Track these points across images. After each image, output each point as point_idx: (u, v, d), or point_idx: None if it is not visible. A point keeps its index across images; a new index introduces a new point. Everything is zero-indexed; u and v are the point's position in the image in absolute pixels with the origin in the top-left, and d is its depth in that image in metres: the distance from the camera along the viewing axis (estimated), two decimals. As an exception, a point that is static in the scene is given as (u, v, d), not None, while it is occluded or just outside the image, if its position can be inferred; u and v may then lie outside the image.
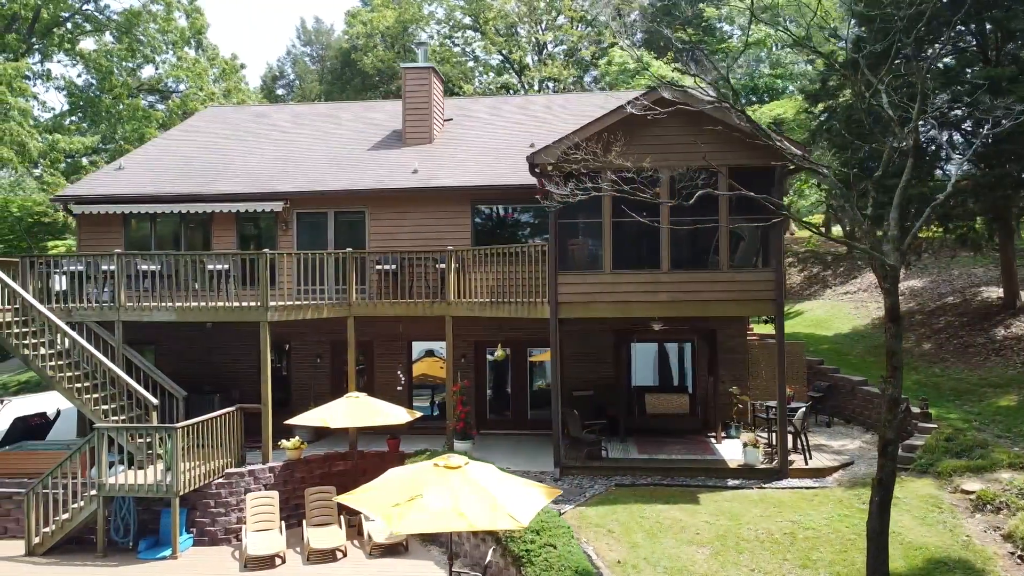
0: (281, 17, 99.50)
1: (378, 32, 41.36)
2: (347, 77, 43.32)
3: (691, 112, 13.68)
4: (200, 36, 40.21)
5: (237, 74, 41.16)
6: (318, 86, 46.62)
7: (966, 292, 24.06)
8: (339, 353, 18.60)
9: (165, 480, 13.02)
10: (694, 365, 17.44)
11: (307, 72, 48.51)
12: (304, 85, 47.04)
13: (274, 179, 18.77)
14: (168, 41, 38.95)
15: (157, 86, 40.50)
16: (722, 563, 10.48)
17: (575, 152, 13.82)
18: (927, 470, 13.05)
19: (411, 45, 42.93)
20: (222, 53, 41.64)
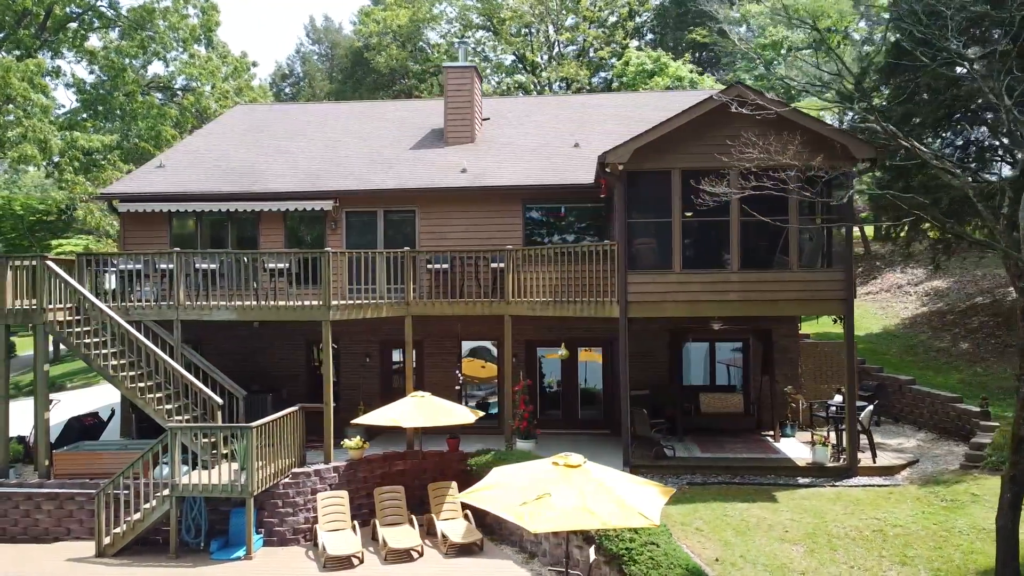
0: (289, 15, 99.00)
1: (391, 31, 41.26)
2: (359, 76, 43.18)
3: (762, 114, 13.76)
4: (211, 34, 39.90)
5: (248, 72, 40.88)
6: (328, 84, 46.42)
7: (995, 292, 24.33)
8: (388, 353, 18.57)
9: (239, 480, 12.92)
10: (748, 364, 17.52)
11: (316, 70, 48.28)
12: (314, 83, 46.82)
13: (320, 178, 18.68)
14: (179, 38, 38.64)
15: (168, 83, 40.15)
16: (820, 560, 10.55)
17: (646, 152, 13.90)
18: (999, 467, 13.16)
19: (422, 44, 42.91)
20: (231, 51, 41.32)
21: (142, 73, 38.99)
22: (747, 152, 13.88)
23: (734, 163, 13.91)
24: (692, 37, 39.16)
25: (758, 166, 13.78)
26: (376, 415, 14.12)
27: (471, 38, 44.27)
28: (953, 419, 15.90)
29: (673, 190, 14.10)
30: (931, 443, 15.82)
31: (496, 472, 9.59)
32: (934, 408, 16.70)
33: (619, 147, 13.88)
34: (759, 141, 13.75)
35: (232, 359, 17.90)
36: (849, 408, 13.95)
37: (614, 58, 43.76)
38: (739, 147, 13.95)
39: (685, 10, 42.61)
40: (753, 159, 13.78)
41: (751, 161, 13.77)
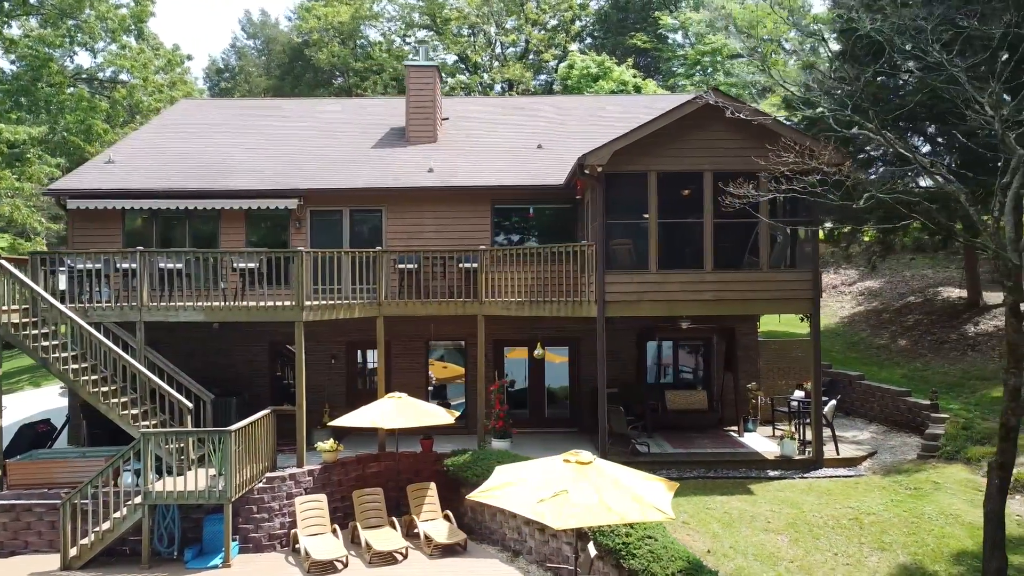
0: (224, 9, 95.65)
1: (331, 27, 40.58)
2: (297, 72, 42.30)
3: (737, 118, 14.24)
4: (142, 25, 38.40)
5: (182, 66, 39.52)
6: (265, 80, 45.29)
7: (926, 292, 25.72)
8: (353, 354, 18.33)
9: (217, 485, 12.55)
10: (711, 362, 18.03)
11: (253, 65, 47.02)
12: (251, 79, 45.58)
13: (284, 176, 18.28)
14: (108, 28, 37.06)
15: (95, 75, 38.45)
16: (805, 549, 10.99)
17: (624, 154, 14.18)
18: (955, 456, 14.00)
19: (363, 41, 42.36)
20: (163, 44, 39.88)
21: (65, 64, 37.18)
22: (720, 155, 14.41)
23: (708, 166, 14.39)
24: (633, 42, 39.91)
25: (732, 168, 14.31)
26: (355, 417, 13.92)
27: (412, 37, 44.02)
28: (904, 412, 16.75)
29: (649, 192, 14.42)
30: (884, 435, 16.63)
31: (502, 471, 9.60)
32: (884, 402, 17.56)
33: (599, 149, 14.10)
34: (736, 144, 14.29)
35: (191, 361, 17.31)
36: (815, 403, 14.54)
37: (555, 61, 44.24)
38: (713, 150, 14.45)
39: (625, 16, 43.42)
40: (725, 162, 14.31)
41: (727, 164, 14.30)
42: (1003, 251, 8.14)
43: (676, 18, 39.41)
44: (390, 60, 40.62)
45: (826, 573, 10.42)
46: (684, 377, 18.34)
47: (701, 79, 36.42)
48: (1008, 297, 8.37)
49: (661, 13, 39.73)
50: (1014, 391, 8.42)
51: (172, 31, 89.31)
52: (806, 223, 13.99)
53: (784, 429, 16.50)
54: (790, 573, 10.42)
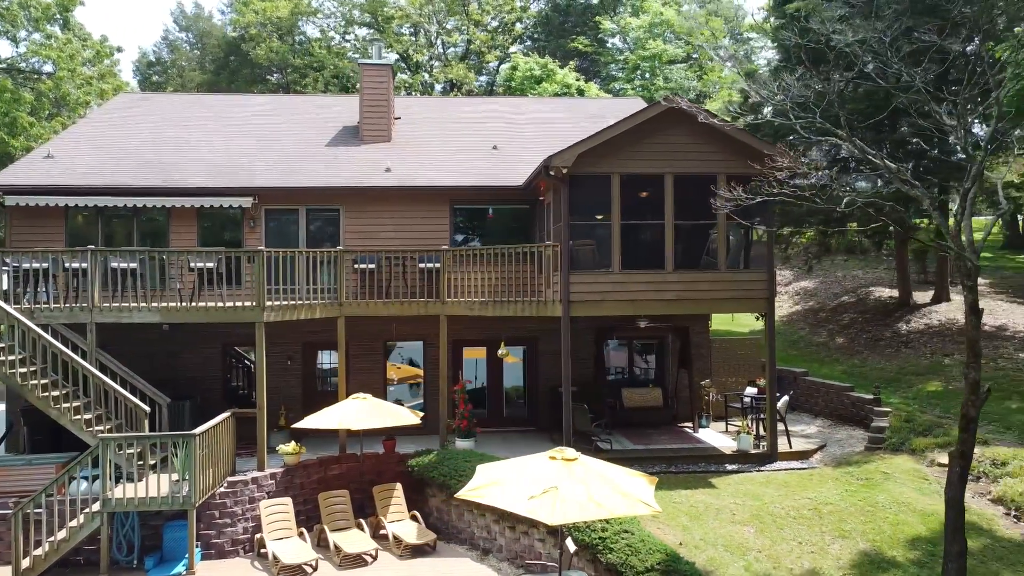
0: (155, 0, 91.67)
1: (269, 22, 39.71)
2: (233, 66, 41.25)
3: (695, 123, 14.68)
4: (68, 14, 36.85)
5: (111, 58, 38.05)
6: (199, 74, 43.97)
7: (859, 292, 26.92)
8: (310, 355, 18.07)
9: (180, 491, 12.22)
10: (666, 360, 18.46)
11: (186, 59, 45.56)
12: (184, 73, 44.15)
13: (237, 173, 17.88)
14: (31, 17, 35.43)
15: (16, 65, 36.66)
16: (771, 539, 11.42)
17: (588, 157, 14.43)
18: (900, 448, 14.73)
19: (301, 37, 41.64)
20: (91, 34, 38.31)
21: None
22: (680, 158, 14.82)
23: (668, 169, 14.77)
24: (574, 46, 40.41)
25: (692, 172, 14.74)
26: (321, 418, 13.75)
27: (352, 34, 43.52)
28: (848, 406, 17.51)
29: (612, 194, 14.70)
30: (830, 429, 17.35)
31: (485, 470, 9.68)
32: (829, 397, 18.32)
33: (564, 151, 14.30)
34: (694, 149, 14.72)
35: (140, 364, 16.75)
36: (770, 399, 15.09)
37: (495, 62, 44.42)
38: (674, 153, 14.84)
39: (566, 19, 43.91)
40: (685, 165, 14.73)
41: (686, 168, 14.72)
42: (964, 252, 8.67)
43: (616, 23, 40.07)
44: (330, 57, 40.05)
45: (793, 561, 10.85)
46: (640, 375, 18.73)
47: (642, 83, 37.17)
48: (968, 296, 8.92)
49: (602, 17, 40.32)
50: (974, 384, 8.98)
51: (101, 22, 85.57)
52: (762, 225, 14.50)
53: (737, 425, 17.04)
54: (759, 562, 10.81)
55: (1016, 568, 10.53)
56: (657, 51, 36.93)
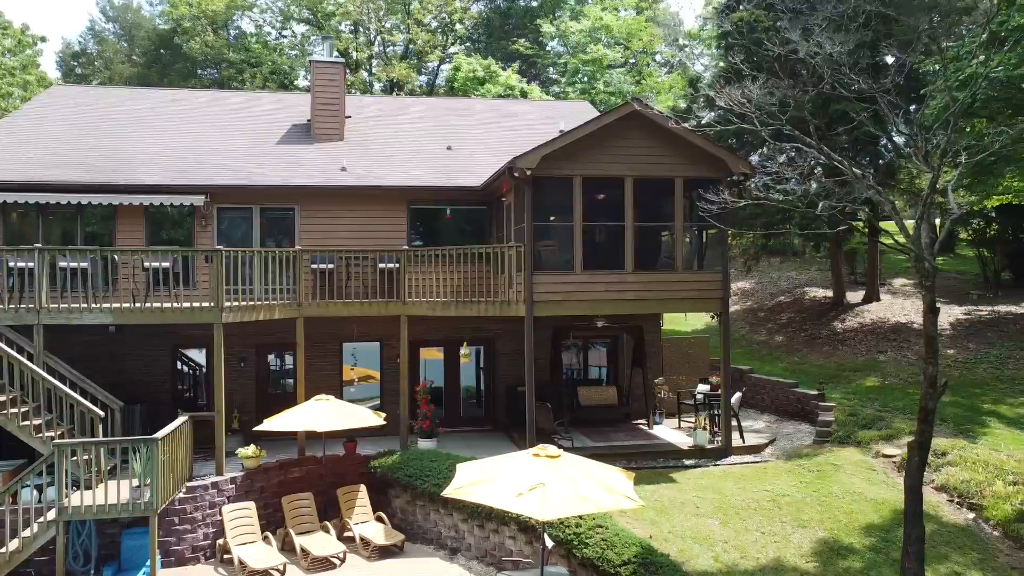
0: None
1: (204, 15, 38.60)
2: (165, 60, 39.94)
3: (655, 127, 15.09)
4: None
5: (34, 47, 36.35)
6: (128, 68, 42.35)
7: (794, 292, 27.98)
8: (263, 357, 17.74)
9: (142, 497, 11.86)
10: (620, 359, 18.83)
11: (114, 51, 43.77)
12: (112, 66, 42.40)
13: (187, 171, 17.41)
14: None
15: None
16: (735, 530, 11.83)
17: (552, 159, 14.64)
18: (846, 441, 15.43)
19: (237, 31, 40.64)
20: (11, 23, 36.52)
21: None
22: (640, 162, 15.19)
23: (628, 172, 15.12)
24: (516, 48, 40.66)
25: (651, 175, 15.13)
26: (284, 420, 13.55)
27: (289, 31, 42.73)
28: (793, 402, 18.22)
29: (575, 196, 14.94)
30: (777, 424, 18.02)
31: (466, 469, 9.75)
32: (774, 393, 19.02)
33: (528, 153, 14.46)
34: (653, 153, 15.11)
35: (83, 367, 16.14)
36: (724, 395, 15.59)
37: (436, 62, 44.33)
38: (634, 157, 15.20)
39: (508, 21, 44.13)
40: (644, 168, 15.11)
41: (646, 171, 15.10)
42: (923, 254, 9.22)
43: (556, 26, 40.52)
44: (267, 53, 39.21)
45: (758, 551, 11.28)
46: (595, 374, 19.06)
47: (582, 86, 37.68)
48: (926, 296, 9.48)
49: (542, 20, 40.71)
50: (931, 379, 9.54)
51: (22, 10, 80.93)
52: (718, 227, 14.98)
53: (690, 421, 17.55)
54: (727, 553, 11.20)
55: (963, 551, 11.22)
56: (597, 55, 37.50)
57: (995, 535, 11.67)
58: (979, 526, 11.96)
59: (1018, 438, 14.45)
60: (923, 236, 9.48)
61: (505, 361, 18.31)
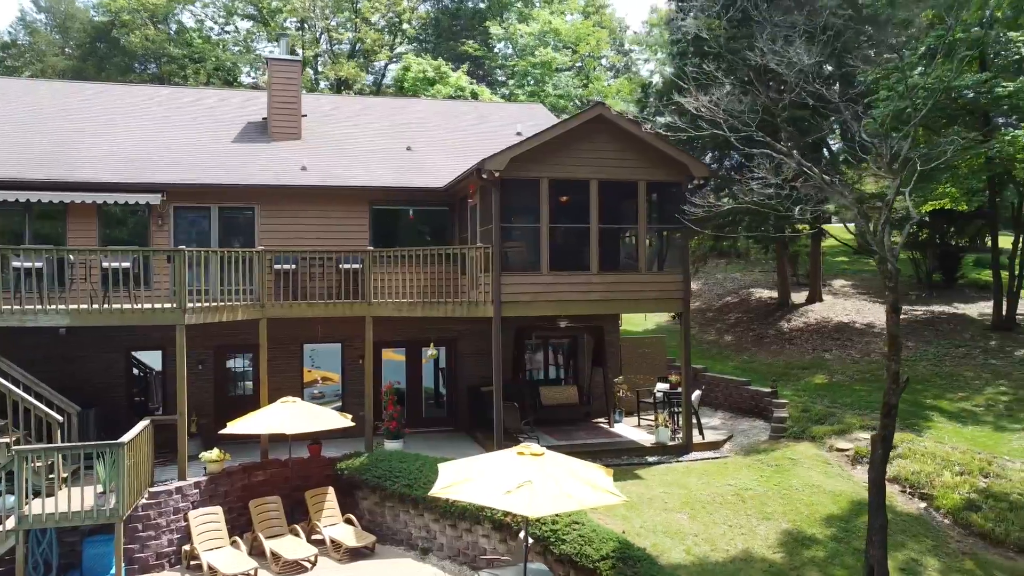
0: None
1: (143, 7, 37.45)
2: (102, 53, 38.62)
3: (620, 131, 15.42)
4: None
5: (-40, 37, 34.70)
6: (62, 60, 40.75)
7: (740, 293, 28.80)
8: (221, 359, 17.41)
9: (107, 503, 11.54)
10: (580, 359, 19.11)
11: (47, 43, 42.01)
12: (44, 58, 40.68)
13: (141, 168, 16.96)
14: None
15: None
16: (704, 523, 12.20)
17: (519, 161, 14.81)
18: (801, 436, 16.01)
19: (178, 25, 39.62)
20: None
21: None
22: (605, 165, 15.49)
23: (593, 175, 15.40)
24: (465, 49, 40.72)
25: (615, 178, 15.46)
26: (252, 423, 13.35)
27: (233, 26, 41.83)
28: (747, 399, 18.80)
29: (541, 198, 15.13)
30: (732, 420, 18.56)
31: (449, 468, 9.80)
32: (728, 391, 19.59)
33: (497, 155, 14.59)
34: (617, 156, 15.43)
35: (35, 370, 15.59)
36: (685, 393, 16.01)
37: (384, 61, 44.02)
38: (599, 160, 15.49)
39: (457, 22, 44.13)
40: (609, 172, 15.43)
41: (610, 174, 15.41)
42: (887, 256, 9.71)
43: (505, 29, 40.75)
44: (212, 49, 38.31)
45: (727, 543, 11.66)
46: (557, 374, 19.30)
47: (531, 89, 37.98)
48: (889, 296, 9.97)
49: (491, 22, 40.87)
50: (894, 375, 10.03)
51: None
52: (681, 228, 15.40)
53: (649, 419, 17.95)
54: (698, 546, 11.54)
55: (918, 538, 11.81)
56: (547, 59, 37.86)
57: (945, 523, 12.32)
58: (930, 515, 12.60)
59: (959, 431, 15.26)
60: (887, 240, 9.98)
61: (467, 362, 18.39)
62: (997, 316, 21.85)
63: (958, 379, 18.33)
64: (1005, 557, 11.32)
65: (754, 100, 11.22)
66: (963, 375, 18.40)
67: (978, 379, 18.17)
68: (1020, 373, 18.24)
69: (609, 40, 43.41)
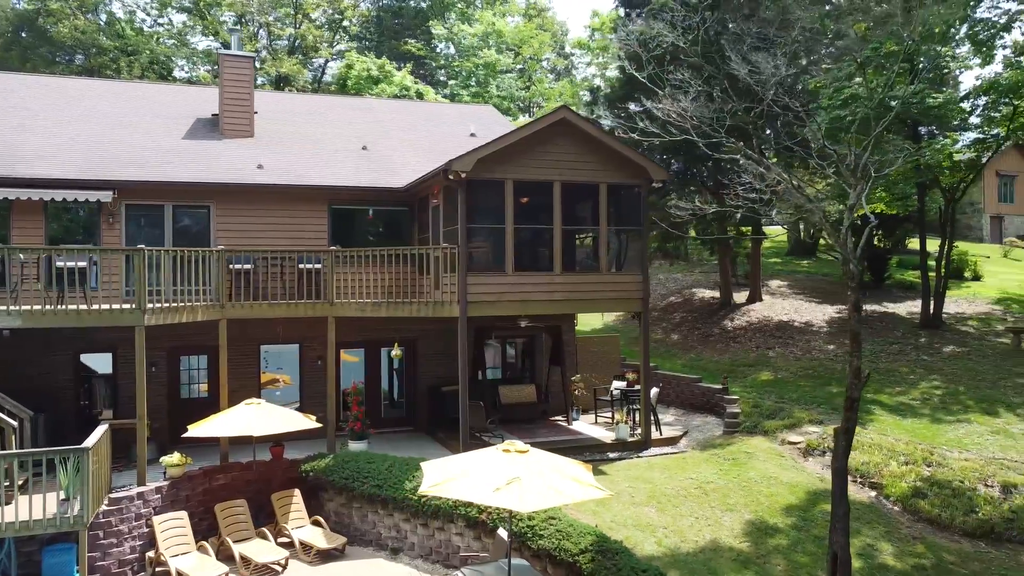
0: None
1: (72, -2, 36.03)
2: (26, 43, 36.90)
3: (582, 134, 15.75)
4: None
5: None
6: (-18, 50, 38.74)
7: (683, 293, 29.59)
8: (175, 361, 16.99)
9: (70, 510, 11.20)
10: (538, 358, 19.36)
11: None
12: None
13: (90, 165, 16.41)
14: None
15: None
16: (672, 516, 12.59)
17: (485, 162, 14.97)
18: (754, 430, 16.64)
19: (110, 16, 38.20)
20: None
21: None
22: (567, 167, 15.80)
23: (556, 177, 15.68)
24: (407, 49, 40.56)
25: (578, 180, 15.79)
26: (216, 426, 13.11)
27: (166, 19, 40.59)
28: (698, 396, 19.40)
29: (506, 199, 15.31)
30: (685, 416, 19.12)
31: (435, 466, 9.87)
32: (679, 388, 20.16)
33: (464, 156, 14.70)
34: (579, 159, 15.76)
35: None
36: (643, 391, 16.44)
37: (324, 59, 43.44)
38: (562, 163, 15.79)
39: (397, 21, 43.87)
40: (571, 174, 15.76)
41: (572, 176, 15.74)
42: (850, 258, 10.27)
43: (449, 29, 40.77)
44: (145, 41, 37.09)
45: (696, 534, 12.07)
46: (515, 373, 19.50)
47: (476, 90, 38.12)
48: (851, 296, 10.54)
49: (434, 22, 40.83)
50: (856, 370, 10.60)
51: None
52: (638, 230, 15.81)
53: (606, 416, 18.35)
54: (668, 538, 11.92)
55: (872, 525, 12.47)
56: (491, 60, 38.06)
57: (895, 510, 13.05)
58: (881, 502, 13.32)
59: (900, 424, 16.13)
60: (848, 243, 10.54)
61: (426, 362, 18.43)
62: (925, 315, 23.11)
63: (894, 374, 19.33)
64: (952, 540, 12.07)
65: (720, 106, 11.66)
66: (899, 371, 19.41)
67: (913, 374, 19.21)
68: (950, 368, 19.38)
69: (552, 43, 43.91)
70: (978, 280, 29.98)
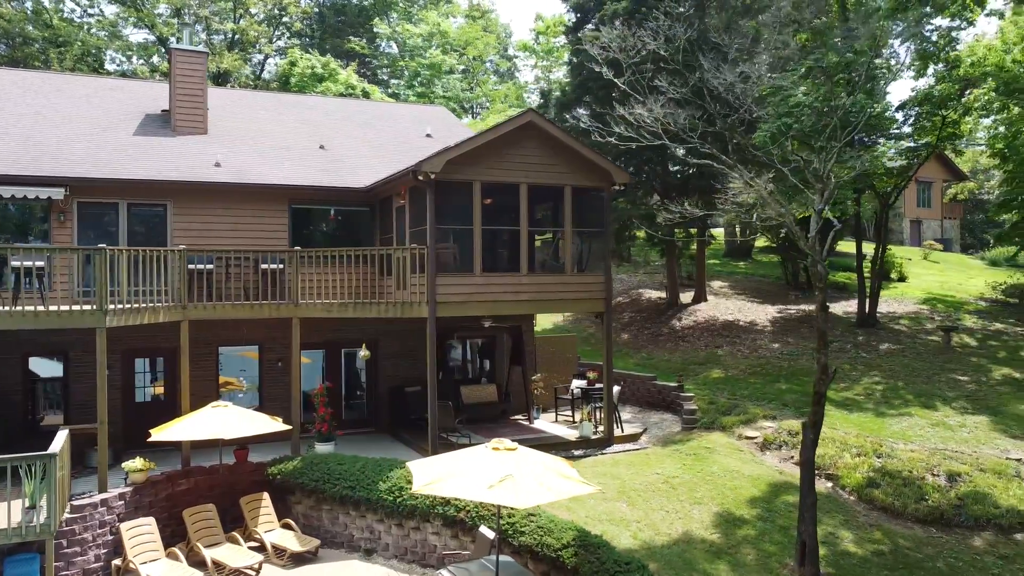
0: None
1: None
2: (-55, 32, 34.98)
3: (549, 137, 16.01)
4: None
5: None
6: None
7: (630, 294, 30.20)
8: (129, 364, 16.50)
9: (36, 519, 10.82)
10: (499, 358, 19.52)
11: None
12: None
13: (42, 160, 15.80)
14: None
15: None
16: (643, 510, 12.94)
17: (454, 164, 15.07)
18: (712, 426, 17.18)
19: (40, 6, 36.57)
20: None
21: None
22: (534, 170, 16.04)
23: (523, 179, 15.90)
24: (350, 47, 40.15)
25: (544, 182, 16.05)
26: (184, 430, 12.82)
27: (97, 9, 39.08)
28: (654, 394, 19.89)
29: (474, 200, 15.43)
30: (642, 414, 19.58)
31: (425, 466, 9.96)
32: (635, 386, 20.62)
33: (432, 157, 14.75)
34: (545, 162, 16.02)
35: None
36: (607, 389, 16.80)
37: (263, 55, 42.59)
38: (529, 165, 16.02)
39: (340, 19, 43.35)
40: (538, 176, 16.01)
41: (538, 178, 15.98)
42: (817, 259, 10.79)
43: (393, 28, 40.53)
44: (76, 31, 35.64)
45: (668, 527, 12.44)
46: (476, 373, 19.61)
47: (422, 90, 38.02)
48: (818, 296, 11.08)
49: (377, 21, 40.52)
50: (823, 367, 11.14)
51: None
52: (601, 232, 16.16)
53: (566, 414, 18.65)
54: (642, 531, 12.25)
55: (831, 514, 13.08)
56: (436, 60, 38.02)
57: (851, 499, 13.71)
58: (837, 493, 13.98)
59: (847, 418, 16.92)
60: (816, 246, 11.07)
61: (388, 363, 18.38)
62: (861, 314, 24.24)
63: (838, 371, 20.22)
64: (905, 527, 12.77)
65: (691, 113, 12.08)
66: (841, 367, 20.32)
67: (855, 371, 20.15)
68: (888, 365, 20.40)
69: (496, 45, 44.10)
70: (903, 281, 31.54)
